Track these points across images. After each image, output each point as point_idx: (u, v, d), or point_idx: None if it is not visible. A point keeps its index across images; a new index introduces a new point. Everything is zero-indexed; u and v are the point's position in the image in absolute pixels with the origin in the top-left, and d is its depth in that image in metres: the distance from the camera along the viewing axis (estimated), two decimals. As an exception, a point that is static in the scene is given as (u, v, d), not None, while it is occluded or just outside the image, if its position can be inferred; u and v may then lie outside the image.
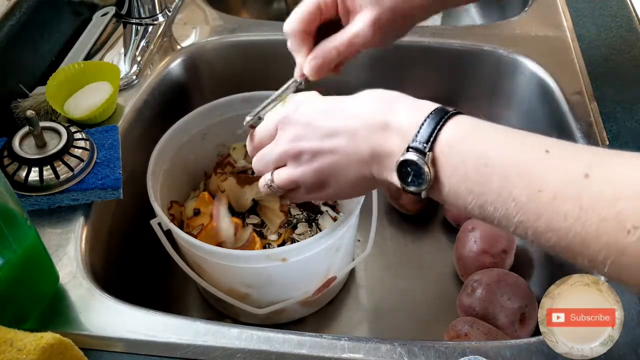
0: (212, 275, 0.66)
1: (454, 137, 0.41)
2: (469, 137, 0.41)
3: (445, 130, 0.41)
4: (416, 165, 0.42)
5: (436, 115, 0.42)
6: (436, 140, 0.41)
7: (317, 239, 0.61)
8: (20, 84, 0.72)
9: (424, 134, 0.42)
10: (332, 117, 0.47)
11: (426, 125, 0.42)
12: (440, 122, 0.42)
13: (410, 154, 0.42)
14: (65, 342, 0.46)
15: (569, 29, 0.84)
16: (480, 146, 0.40)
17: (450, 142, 0.41)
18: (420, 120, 0.42)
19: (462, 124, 0.42)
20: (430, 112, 0.43)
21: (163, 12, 0.88)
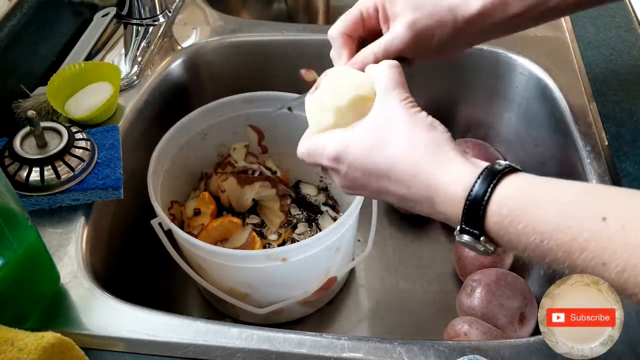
0: (212, 275, 0.66)
1: (503, 215, 0.40)
2: (519, 213, 0.39)
3: (492, 205, 0.40)
4: (473, 246, 0.42)
5: (480, 187, 0.40)
6: (485, 219, 0.40)
7: (317, 239, 0.61)
8: (21, 84, 0.72)
9: (471, 215, 0.40)
10: (376, 179, 0.46)
11: (470, 201, 0.40)
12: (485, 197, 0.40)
13: (465, 237, 0.41)
14: (66, 342, 0.46)
15: (568, 30, 0.84)
16: (533, 223, 0.38)
17: (499, 221, 0.40)
18: (462, 197, 0.41)
19: (511, 191, 0.40)
20: (473, 183, 0.41)
21: (163, 12, 0.88)
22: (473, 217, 0.40)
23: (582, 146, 0.68)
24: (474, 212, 0.40)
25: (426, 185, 0.43)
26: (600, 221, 0.36)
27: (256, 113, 0.78)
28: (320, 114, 0.49)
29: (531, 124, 0.82)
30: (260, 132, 0.81)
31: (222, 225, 0.75)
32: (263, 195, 0.79)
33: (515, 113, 0.84)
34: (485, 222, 0.40)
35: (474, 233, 0.41)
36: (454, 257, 0.76)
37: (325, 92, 0.50)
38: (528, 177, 0.41)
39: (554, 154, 0.77)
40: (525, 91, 0.81)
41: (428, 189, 0.43)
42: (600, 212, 0.36)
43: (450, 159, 0.43)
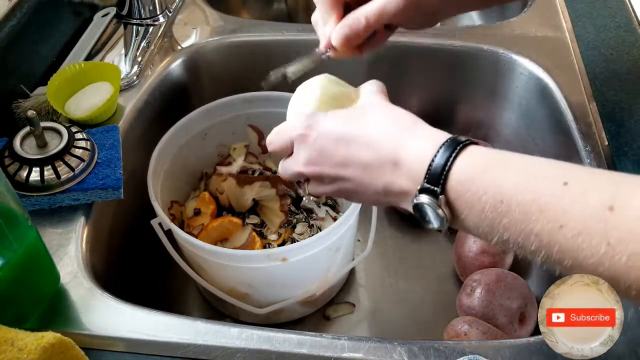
0: (212, 275, 0.66)
1: (466, 174, 0.40)
2: (481, 173, 0.39)
3: (456, 167, 0.40)
4: (430, 207, 0.41)
5: (446, 150, 0.41)
6: (447, 179, 0.40)
7: (317, 239, 0.61)
8: (21, 84, 0.72)
9: (434, 173, 0.40)
10: (345, 145, 0.45)
11: (436, 162, 0.40)
12: (450, 159, 0.40)
13: (423, 197, 0.41)
14: (66, 342, 0.46)
15: (568, 30, 0.84)
16: (494, 182, 0.39)
17: (463, 180, 0.40)
18: (429, 156, 0.41)
19: (474, 157, 0.40)
20: (439, 147, 0.41)
21: (163, 12, 0.88)
22: (436, 175, 0.40)
23: (582, 146, 0.68)
24: (438, 170, 0.40)
25: (394, 146, 0.43)
26: (561, 185, 0.36)
27: (256, 113, 0.78)
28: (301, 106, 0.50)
29: (531, 124, 0.82)
30: (260, 132, 0.81)
31: (222, 225, 0.75)
32: (263, 195, 0.79)
33: (515, 113, 0.84)
34: (447, 182, 0.40)
35: (434, 191, 0.40)
36: (454, 257, 0.76)
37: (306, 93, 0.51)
38: (493, 149, 0.42)
39: (554, 154, 0.76)
40: (525, 91, 0.81)
41: (395, 150, 0.43)
42: (562, 178, 0.37)
43: (421, 128, 0.44)
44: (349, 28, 0.52)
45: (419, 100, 0.91)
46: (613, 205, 0.34)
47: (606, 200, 0.34)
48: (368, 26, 0.52)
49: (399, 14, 0.52)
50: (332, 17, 0.53)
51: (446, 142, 0.41)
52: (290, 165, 0.50)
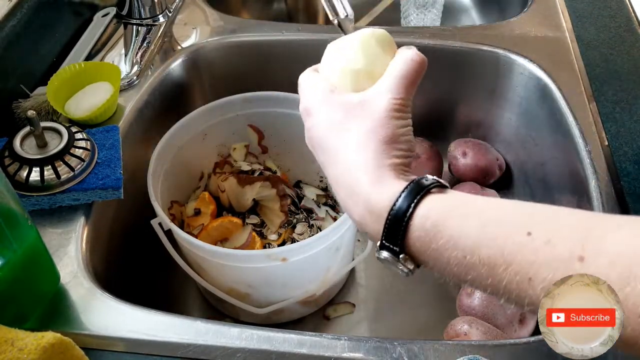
0: (212, 275, 0.66)
1: (426, 228, 0.38)
2: (442, 226, 0.37)
3: (415, 220, 0.38)
4: (393, 263, 0.40)
5: (406, 199, 0.39)
6: (406, 234, 0.38)
7: (317, 238, 0.61)
8: (21, 85, 0.72)
9: (392, 228, 0.39)
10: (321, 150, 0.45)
11: (393, 215, 0.39)
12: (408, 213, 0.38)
13: (384, 253, 0.40)
14: (66, 342, 0.46)
15: (568, 30, 0.84)
16: (456, 235, 0.37)
17: (423, 235, 0.38)
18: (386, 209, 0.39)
19: (434, 207, 0.38)
20: (397, 196, 0.39)
21: (163, 12, 0.88)
22: (394, 231, 0.39)
23: (582, 146, 0.68)
24: (396, 226, 0.39)
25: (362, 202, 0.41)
26: (525, 235, 0.35)
27: (256, 113, 0.78)
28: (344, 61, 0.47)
29: (531, 124, 0.82)
30: (260, 132, 0.81)
31: (222, 225, 0.75)
32: (263, 195, 0.79)
33: (515, 113, 0.84)
34: (407, 237, 0.38)
35: (393, 250, 0.39)
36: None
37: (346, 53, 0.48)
38: (454, 193, 0.40)
39: (554, 154, 0.76)
40: (525, 91, 0.81)
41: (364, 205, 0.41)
42: (525, 227, 0.35)
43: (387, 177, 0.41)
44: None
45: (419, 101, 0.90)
46: (583, 255, 0.33)
47: (575, 250, 0.33)
48: None
49: None
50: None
51: (406, 188, 0.39)
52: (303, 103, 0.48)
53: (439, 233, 0.37)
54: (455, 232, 0.37)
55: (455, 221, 0.37)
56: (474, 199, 0.39)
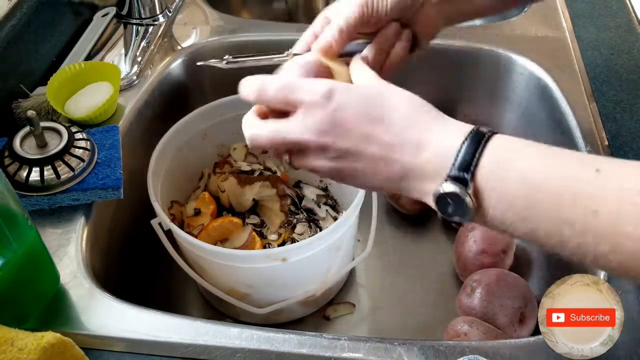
0: (212, 275, 0.66)
1: (496, 162, 0.38)
2: (511, 160, 0.38)
3: (485, 155, 0.38)
4: (458, 197, 0.39)
5: (474, 138, 0.39)
6: (477, 166, 0.38)
7: (317, 238, 0.61)
8: (21, 84, 0.72)
9: (463, 160, 0.39)
10: (367, 122, 0.42)
11: (464, 149, 0.39)
12: (480, 146, 0.39)
13: (450, 185, 0.39)
14: (66, 342, 0.46)
15: (569, 30, 0.84)
16: (524, 169, 0.37)
17: (492, 167, 0.38)
18: (457, 143, 0.39)
19: (502, 145, 0.39)
20: (467, 135, 0.39)
21: (163, 12, 0.88)
22: (465, 162, 0.39)
23: (582, 146, 0.68)
24: (467, 158, 0.39)
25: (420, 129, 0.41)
26: (593, 172, 0.36)
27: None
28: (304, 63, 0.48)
29: (531, 124, 0.82)
30: None
31: (222, 226, 0.75)
32: (263, 195, 0.79)
33: (515, 113, 0.84)
34: (477, 170, 0.38)
35: (463, 179, 0.39)
36: (454, 257, 0.76)
37: None
38: (512, 139, 0.40)
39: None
40: (525, 91, 0.81)
41: (420, 133, 0.41)
42: (594, 165, 0.36)
43: (445, 117, 0.43)
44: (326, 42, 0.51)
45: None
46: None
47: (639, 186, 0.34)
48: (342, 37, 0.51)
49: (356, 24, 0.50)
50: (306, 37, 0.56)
51: (473, 130, 0.40)
52: (289, 130, 0.44)
53: (508, 167, 0.38)
54: (525, 167, 0.38)
55: (525, 156, 0.38)
56: (539, 143, 0.40)
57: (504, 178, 0.38)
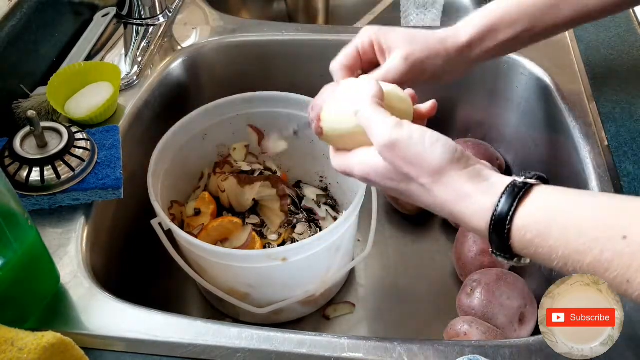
0: (212, 275, 0.66)
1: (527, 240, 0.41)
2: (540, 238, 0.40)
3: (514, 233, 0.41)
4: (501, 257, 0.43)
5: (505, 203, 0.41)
6: (510, 243, 0.41)
7: (317, 238, 0.61)
8: (21, 85, 0.72)
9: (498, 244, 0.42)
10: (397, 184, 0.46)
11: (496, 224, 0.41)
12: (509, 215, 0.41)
13: (499, 258, 0.43)
14: (66, 342, 0.46)
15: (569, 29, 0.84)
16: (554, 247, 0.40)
17: (524, 247, 0.41)
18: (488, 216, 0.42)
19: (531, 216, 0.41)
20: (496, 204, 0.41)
21: (163, 12, 0.88)
22: (500, 244, 0.42)
23: (582, 146, 0.68)
24: (500, 239, 0.41)
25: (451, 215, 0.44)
26: (621, 240, 0.37)
27: (256, 113, 0.78)
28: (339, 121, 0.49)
29: (531, 124, 0.82)
30: (261, 132, 0.81)
31: (222, 225, 0.75)
32: (263, 195, 0.79)
33: (515, 113, 0.84)
34: (513, 248, 0.42)
35: (505, 257, 0.43)
36: (453, 257, 0.76)
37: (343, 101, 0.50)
38: (546, 196, 0.41)
39: (554, 154, 0.76)
40: (525, 91, 0.81)
41: (454, 217, 0.44)
42: (621, 231, 0.37)
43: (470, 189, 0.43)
44: None
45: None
46: None
47: None
48: None
49: (401, 79, 0.55)
50: None
51: (504, 192, 0.42)
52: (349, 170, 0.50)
53: (540, 244, 0.40)
54: (554, 244, 0.39)
55: (553, 231, 0.40)
56: (567, 200, 0.41)
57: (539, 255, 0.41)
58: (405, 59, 0.56)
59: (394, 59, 0.56)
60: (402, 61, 0.56)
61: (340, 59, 0.58)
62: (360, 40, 0.58)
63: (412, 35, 0.57)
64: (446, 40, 0.58)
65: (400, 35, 0.57)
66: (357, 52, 0.58)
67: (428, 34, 0.58)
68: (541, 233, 0.40)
